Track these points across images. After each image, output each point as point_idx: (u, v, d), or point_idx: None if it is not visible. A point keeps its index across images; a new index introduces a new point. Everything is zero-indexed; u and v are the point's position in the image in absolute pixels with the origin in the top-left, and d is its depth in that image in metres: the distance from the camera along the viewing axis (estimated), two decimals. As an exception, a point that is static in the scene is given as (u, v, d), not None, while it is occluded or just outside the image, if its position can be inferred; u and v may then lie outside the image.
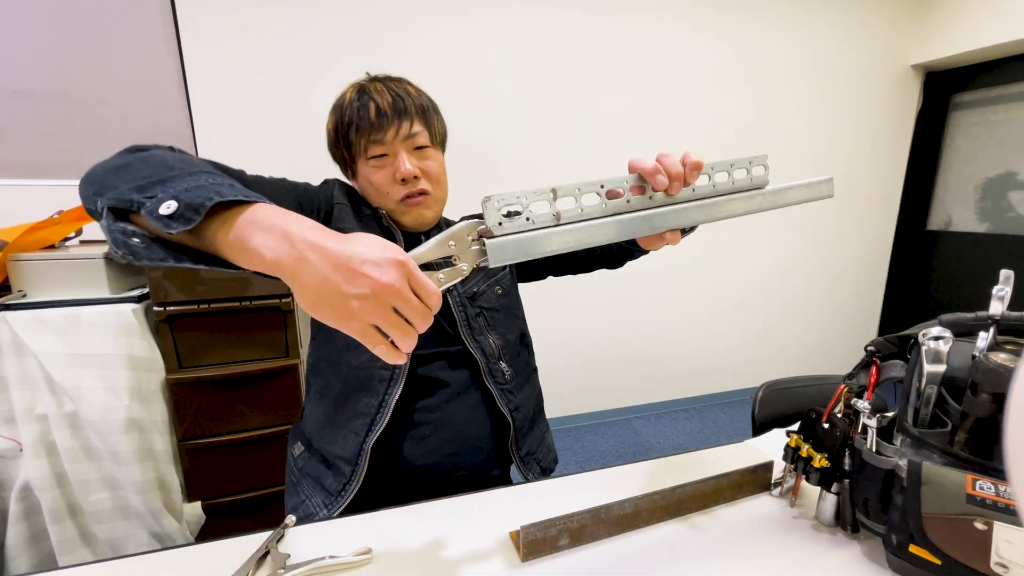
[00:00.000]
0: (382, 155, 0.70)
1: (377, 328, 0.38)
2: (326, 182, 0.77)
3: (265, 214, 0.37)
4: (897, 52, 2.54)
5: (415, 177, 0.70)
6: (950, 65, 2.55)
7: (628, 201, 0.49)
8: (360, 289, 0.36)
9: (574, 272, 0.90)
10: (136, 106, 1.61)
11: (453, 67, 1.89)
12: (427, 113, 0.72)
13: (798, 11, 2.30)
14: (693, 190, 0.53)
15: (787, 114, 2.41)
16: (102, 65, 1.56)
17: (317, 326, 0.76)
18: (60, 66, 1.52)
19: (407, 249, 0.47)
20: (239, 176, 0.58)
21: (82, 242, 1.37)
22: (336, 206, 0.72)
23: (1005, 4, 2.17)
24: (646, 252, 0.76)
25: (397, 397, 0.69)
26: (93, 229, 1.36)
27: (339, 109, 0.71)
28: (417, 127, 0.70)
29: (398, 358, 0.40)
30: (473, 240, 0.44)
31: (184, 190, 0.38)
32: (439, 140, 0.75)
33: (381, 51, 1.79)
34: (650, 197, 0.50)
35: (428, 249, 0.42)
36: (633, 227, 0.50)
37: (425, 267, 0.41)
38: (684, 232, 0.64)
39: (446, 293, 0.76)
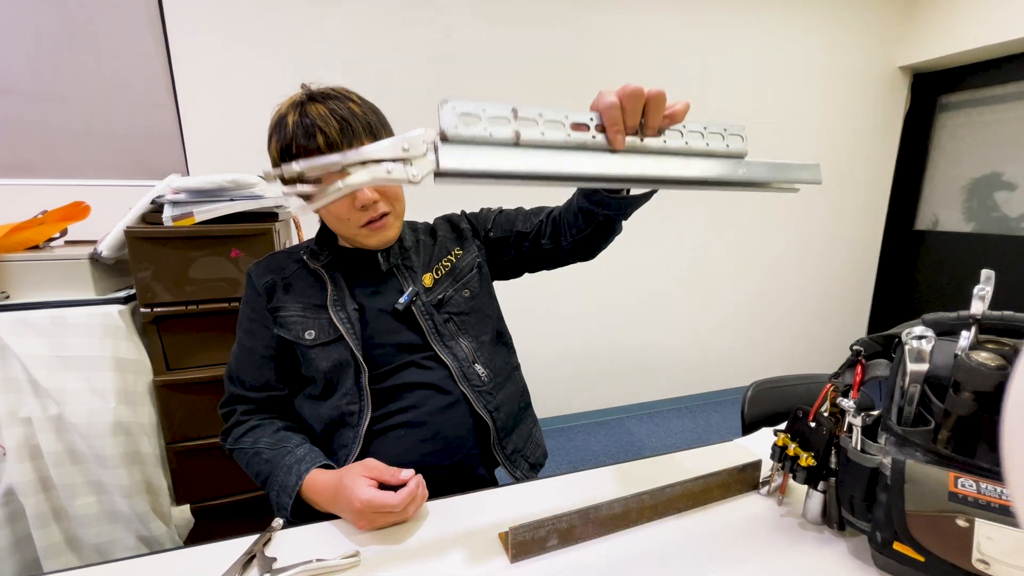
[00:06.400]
0: None
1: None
2: (249, 275, 0.79)
3: (305, 494, 0.66)
4: (885, 53, 2.57)
5: (375, 202, 0.70)
6: (937, 67, 2.58)
7: (593, 137, 0.45)
8: (355, 525, 0.61)
9: (549, 266, 0.86)
10: (123, 105, 1.58)
11: (439, 62, 1.89)
12: (375, 130, 0.69)
13: (787, 13, 2.32)
14: (664, 141, 0.47)
15: (776, 115, 2.43)
16: (88, 63, 1.53)
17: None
18: (45, 64, 1.50)
19: (362, 263, 0.80)
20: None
21: (67, 242, 1.35)
22: (269, 294, 0.76)
23: (992, 7, 2.20)
24: (617, 219, 0.71)
25: (369, 419, 0.72)
26: (78, 229, 1.34)
27: (281, 133, 0.67)
28: None
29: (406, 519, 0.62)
30: (428, 148, 0.40)
31: (276, 504, 0.69)
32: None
33: (376, 47, 1.78)
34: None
35: (381, 148, 0.39)
36: (601, 164, 0.44)
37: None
38: (646, 196, 0.64)
39: (410, 304, 0.77)
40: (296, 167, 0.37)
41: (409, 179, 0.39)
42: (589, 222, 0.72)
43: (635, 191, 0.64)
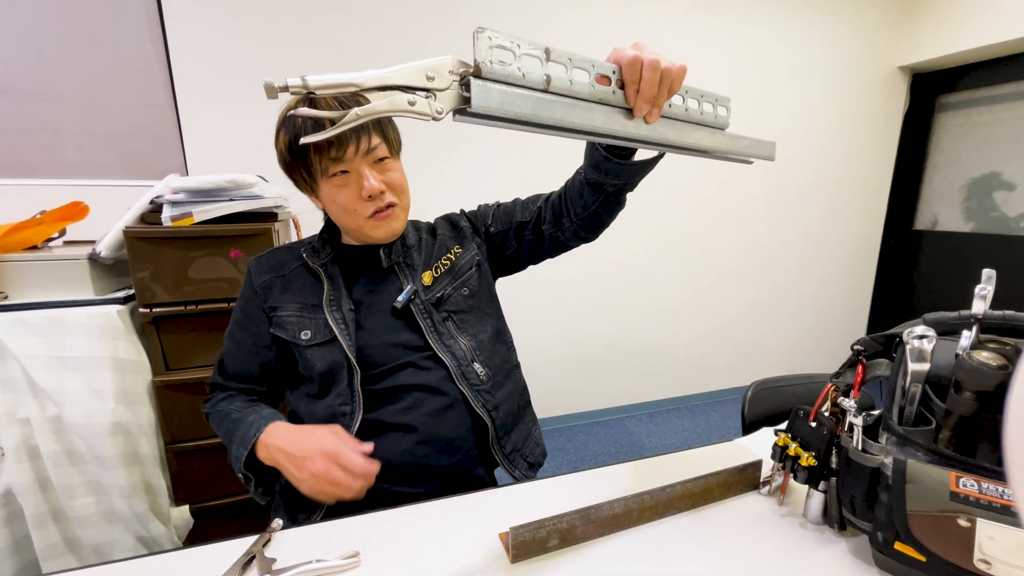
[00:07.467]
0: (343, 172, 0.69)
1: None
2: (249, 269, 0.80)
3: (266, 442, 0.67)
4: (884, 54, 2.57)
5: (381, 192, 0.70)
6: (936, 67, 2.58)
7: (614, 92, 0.46)
8: (304, 474, 0.62)
9: (552, 253, 0.85)
10: (122, 105, 1.58)
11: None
12: (383, 124, 0.71)
13: (787, 14, 2.32)
14: (670, 105, 0.51)
15: (776, 115, 2.43)
16: (86, 62, 1.53)
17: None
18: (43, 63, 1.49)
19: (369, 259, 0.80)
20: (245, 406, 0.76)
21: (65, 243, 1.35)
22: (265, 294, 0.77)
23: (991, 7, 2.20)
24: (625, 190, 0.71)
25: (360, 421, 0.72)
26: (76, 229, 1.33)
27: (290, 126, 0.68)
28: (375, 140, 0.69)
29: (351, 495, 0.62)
30: (456, 79, 0.37)
31: (233, 459, 0.70)
32: (396, 149, 0.75)
33: (375, 46, 1.78)
34: (636, 91, 0.48)
35: (403, 72, 0.36)
36: (615, 123, 0.46)
37: (404, 89, 0.36)
38: (653, 161, 0.66)
39: (409, 303, 0.76)
40: (307, 81, 0.33)
41: (433, 114, 0.36)
42: (598, 195, 0.72)
43: (640, 157, 0.65)
